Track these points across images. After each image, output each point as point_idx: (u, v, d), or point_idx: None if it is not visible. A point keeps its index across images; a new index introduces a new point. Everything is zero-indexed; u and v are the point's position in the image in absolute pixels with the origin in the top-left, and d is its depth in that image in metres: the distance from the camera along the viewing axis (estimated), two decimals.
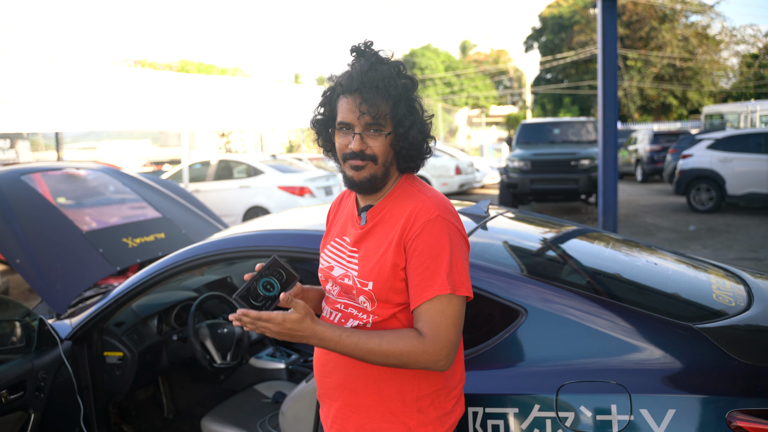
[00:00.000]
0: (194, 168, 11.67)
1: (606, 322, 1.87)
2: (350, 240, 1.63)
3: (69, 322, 2.74)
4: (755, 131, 12.54)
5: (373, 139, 1.52)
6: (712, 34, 37.14)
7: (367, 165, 1.53)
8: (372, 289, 1.53)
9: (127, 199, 4.16)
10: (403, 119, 1.53)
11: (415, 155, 1.59)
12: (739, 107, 21.68)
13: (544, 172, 11.83)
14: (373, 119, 1.50)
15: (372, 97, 1.49)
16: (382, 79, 1.49)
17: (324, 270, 1.68)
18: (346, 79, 1.53)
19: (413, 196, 1.57)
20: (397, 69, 1.54)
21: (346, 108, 1.52)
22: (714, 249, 8.53)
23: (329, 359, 1.61)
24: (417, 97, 1.59)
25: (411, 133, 1.54)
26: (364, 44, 1.57)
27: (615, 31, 8.34)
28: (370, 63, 1.52)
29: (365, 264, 1.55)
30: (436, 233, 1.49)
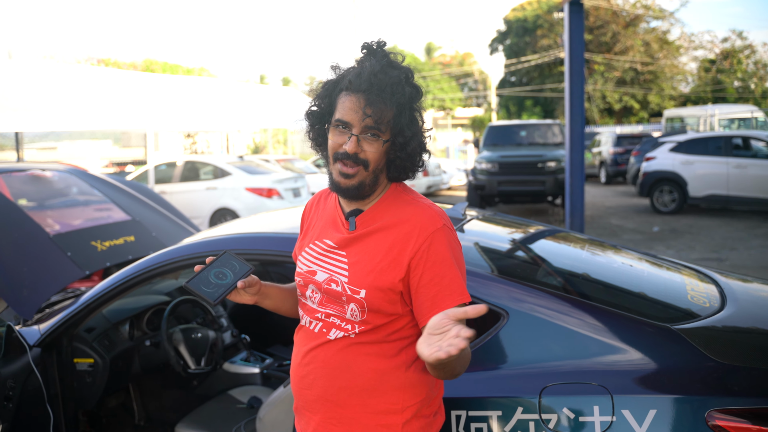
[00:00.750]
0: (159, 169, 11.48)
1: (586, 324, 1.88)
2: (335, 243, 1.55)
3: (37, 328, 2.66)
4: (716, 134, 12.87)
5: (370, 144, 1.46)
6: (671, 39, 38.06)
7: (358, 171, 1.47)
8: (365, 297, 1.46)
9: (95, 201, 4.06)
10: (404, 129, 1.47)
11: (408, 167, 1.53)
12: (699, 111, 22.26)
13: (511, 174, 11.96)
14: (375, 123, 1.43)
15: (378, 101, 1.42)
16: (391, 84, 1.44)
17: (304, 274, 1.59)
18: (354, 77, 1.45)
19: (410, 204, 1.53)
20: (406, 75, 1.48)
21: (348, 106, 1.45)
22: (677, 250, 8.72)
23: (309, 371, 1.53)
24: (420, 108, 1.52)
25: (410, 144, 1.49)
26: (376, 43, 1.50)
27: (582, 35, 8.47)
28: (381, 65, 1.45)
29: (357, 270, 1.48)
30: (446, 243, 1.47)
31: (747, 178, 11.44)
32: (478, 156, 12.90)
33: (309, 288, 1.57)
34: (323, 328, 1.53)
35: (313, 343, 1.53)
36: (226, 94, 14.89)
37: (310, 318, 1.57)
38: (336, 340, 1.50)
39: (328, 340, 1.51)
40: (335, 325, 1.51)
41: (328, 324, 1.52)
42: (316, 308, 1.55)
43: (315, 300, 1.56)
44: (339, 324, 1.51)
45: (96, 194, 4.12)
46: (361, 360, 1.49)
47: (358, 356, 1.49)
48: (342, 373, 1.49)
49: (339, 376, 1.49)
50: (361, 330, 1.49)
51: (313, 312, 1.56)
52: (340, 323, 1.51)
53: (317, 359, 1.52)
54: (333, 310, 1.52)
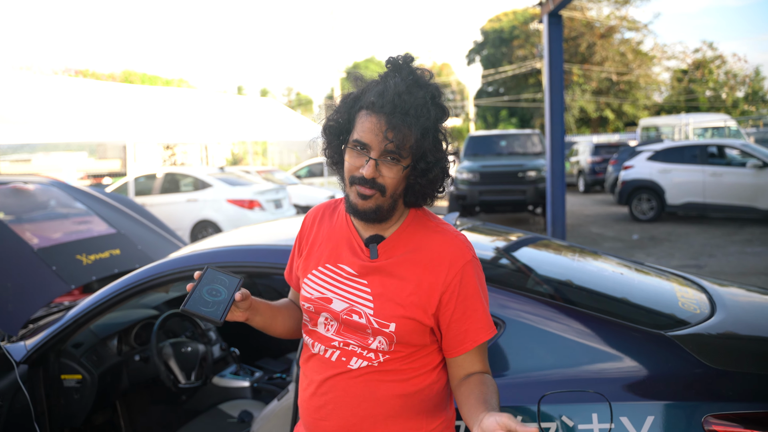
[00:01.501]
0: (139, 181, 11.37)
1: (582, 332, 1.89)
2: (354, 270, 1.45)
3: (23, 344, 2.61)
4: (692, 143, 13.07)
5: (389, 169, 1.36)
6: (645, 50, 38.71)
7: (375, 195, 1.37)
8: (394, 331, 1.39)
9: (79, 214, 4.00)
10: (427, 153, 1.37)
11: (428, 193, 1.44)
12: (674, 120, 22.62)
13: (492, 183, 12.03)
14: (396, 148, 1.33)
15: (400, 124, 1.32)
16: (416, 106, 1.33)
17: (315, 301, 1.48)
18: (377, 96, 1.34)
19: (436, 232, 1.46)
20: (432, 95, 1.38)
21: (369, 127, 1.35)
22: (657, 257, 8.82)
23: (328, 400, 1.44)
24: (446, 131, 1.43)
25: (433, 171, 1.40)
26: (402, 59, 1.39)
27: (561, 45, 8.58)
28: (407, 84, 1.35)
29: (384, 303, 1.40)
30: (475, 276, 1.43)
31: (722, 185, 11.64)
32: (458, 166, 12.95)
33: (322, 316, 1.48)
34: (342, 356, 1.44)
35: (331, 372, 1.44)
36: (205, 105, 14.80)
37: (325, 346, 1.47)
38: (358, 368, 1.43)
39: (349, 369, 1.43)
40: (356, 353, 1.43)
41: (348, 352, 1.44)
42: (332, 337, 1.46)
43: (331, 329, 1.46)
44: (360, 353, 1.43)
45: (80, 207, 4.06)
46: (385, 387, 1.42)
47: (381, 384, 1.42)
48: (365, 401, 1.42)
49: (361, 405, 1.42)
50: (386, 359, 1.42)
51: (327, 340, 1.47)
52: (361, 352, 1.43)
53: (336, 388, 1.43)
54: (353, 340, 1.43)
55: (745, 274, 7.54)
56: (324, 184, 16.33)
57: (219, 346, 3.35)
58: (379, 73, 1.42)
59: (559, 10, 8.43)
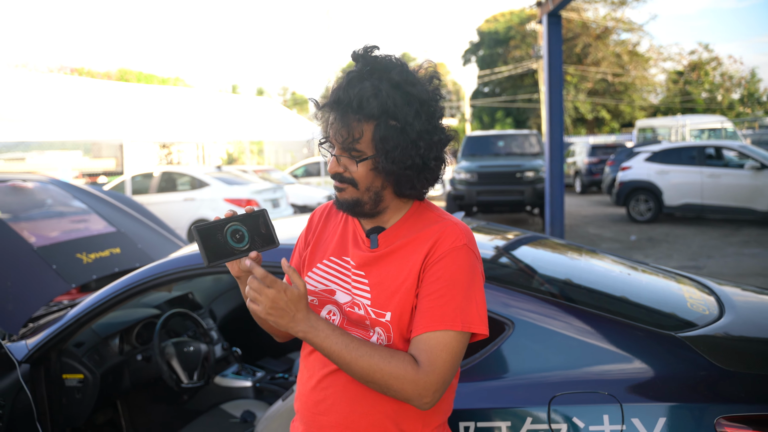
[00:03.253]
0: (136, 180, 11.32)
1: (592, 333, 1.88)
2: (355, 262, 1.44)
3: (25, 344, 2.58)
4: (690, 144, 13.09)
5: (350, 163, 1.35)
6: (641, 51, 38.83)
7: (348, 189, 1.38)
8: (390, 320, 1.36)
9: (79, 212, 3.97)
10: (382, 143, 1.31)
11: (405, 182, 1.37)
12: (670, 121, 22.68)
13: (490, 183, 12.02)
14: (343, 143, 1.33)
15: (343, 118, 1.31)
16: (359, 97, 1.29)
17: (319, 293, 1.47)
18: (330, 93, 1.35)
19: (435, 221, 1.42)
20: (393, 81, 1.32)
21: (324, 125, 1.38)
22: (656, 258, 8.82)
23: (327, 395, 1.42)
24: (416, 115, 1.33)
25: (389, 159, 1.32)
26: (363, 49, 1.36)
27: (560, 46, 8.58)
28: (352, 76, 1.33)
29: (380, 292, 1.38)
30: (460, 262, 1.34)
31: (720, 187, 11.65)
32: (456, 166, 12.94)
33: (326, 309, 1.46)
34: None
35: (331, 367, 1.41)
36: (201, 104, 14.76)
37: None
38: None
39: None
40: None
41: None
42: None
43: (334, 322, 1.43)
44: None
45: (79, 206, 4.03)
46: None
47: None
48: (363, 399, 1.39)
49: (360, 402, 1.39)
50: None
51: None
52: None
53: (336, 384, 1.41)
54: (355, 335, 1.40)
55: (743, 275, 7.56)
56: (321, 183, 16.30)
57: (221, 345, 3.32)
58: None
59: (559, 11, 8.43)
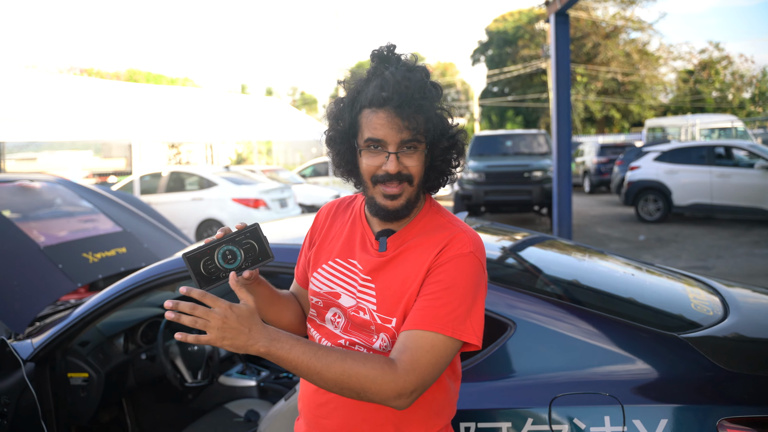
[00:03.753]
0: (144, 180, 11.38)
1: (594, 334, 1.87)
2: (362, 267, 1.42)
3: (30, 342, 2.60)
4: (699, 144, 13.01)
5: (409, 158, 1.33)
6: (651, 50, 38.62)
7: (404, 189, 1.35)
8: (396, 326, 1.34)
9: (85, 212, 3.99)
10: (440, 132, 1.35)
11: (447, 172, 1.42)
12: (680, 121, 22.54)
13: (498, 183, 12.00)
14: (412, 135, 1.31)
15: (410, 111, 1.29)
16: (418, 88, 1.31)
17: (324, 295, 1.45)
18: (377, 90, 1.31)
19: (445, 227, 1.40)
20: (427, 75, 1.37)
21: (379, 123, 1.31)
22: (664, 258, 8.77)
23: (329, 398, 1.40)
24: (447, 106, 1.40)
25: (452, 148, 1.39)
26: (387, 49, 1.37)
27: (568, 45, 8.55)
28: (403, 71, 1.32)
29: (387, 298, 1.36)
30: (462, 269, 1.32)
31: (730, 186, 11.57)
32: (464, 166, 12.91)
33: (330, 311, 1.45)
34: None
35: None
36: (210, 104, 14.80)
37: (332, 344, 1.43)
38: None
39: None
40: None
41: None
42: (339, 334, 1.42)
43: (338, 325, 1.43)
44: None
45: (86, 205, 4.05)
46: None
47: None
48: (365, 405, 1.36)
49: (362, 407, 1.37)
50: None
51: (335, 337, 1.43)
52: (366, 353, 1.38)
53: None
54: (359, 339, 1.39)
55: (753, 276, 7.50)
56: (329, 183, 16.32)
57: None
58: (366, 70, 1.39)
59: (566, 9, 8.39)
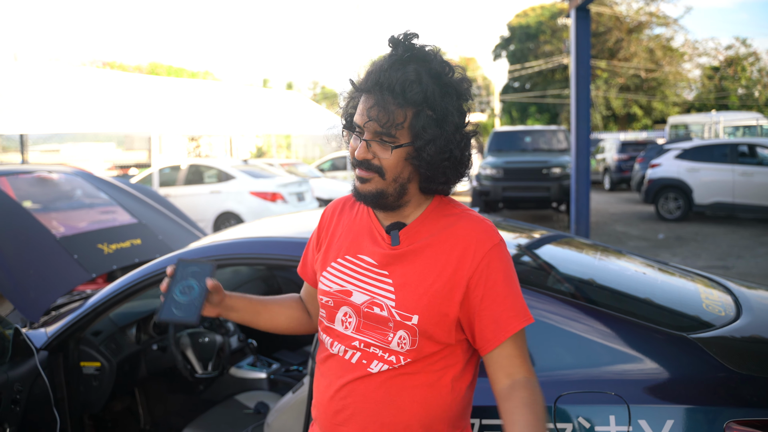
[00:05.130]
0: (164, 172, 11.49)
1: (601, 332, 1.85)
2: (375, 260, 1.37)
3: (44, 331, 2.64)
4: (721, 142, 12.83)
5: (381, 149, 1.30)
6: (675, 46, 38.05)
7: (373, 178, 1.31)
8: (417, 323, 1.30)
9: (101, 203, 4.04)
10: (422, 132, 1.28)
11: (433, 177, 1.33)
12: (704, 118, 22.20)
13: (516, 179, 11.93)
14: (382, 127, 1.26)
15: (384, 101, 1.26)
16: (402, 81, 1.26)
17: (334, 294, 1.40)
18: (365, 75, 1.32)
19: (461, 217, 1.38)
20: (434, 71, 1.30)
21: (360, 108, 1.30)
22: (683, 257, 8.67)
23: (346, 405, 1.36)
24: (455, 108, 1.32)
25: (427, 150, 1.29)
26: (403, 35, 1.32)
27: (588, 41, 8.45)
28: (394, 60, 1.29)
29: (407, 293, 1.32)
30: (504, 260, 1.33)
31: (753, 185, 11.40)
32: (482, 161, 12.87)
33: (341, 311, 1.40)
34: (362, 359, 1.36)
35: (351, 376, 1.36)
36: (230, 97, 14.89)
37: (345, 346, 1.39)
38: (379, 372, 1.34)
39: (369, 373, 1.34)
40: (377, 356, 1.34)
41: (369, 354, 1.35)
42: (352, 335, 1.38)
43: (350, 326, 1.38)
44: (381, 355, 1.34)
45: (102, 197, 4.10)
46: (407, 393, 1.33)
47: (403, 389, 1.33)
48: (385, 408, 1.33)
49: (382, 411, 1.33)
50: (407, 361, 1.33)
51: (347, 339, 1.38)
52: (382, 354, 1.34)
53: (356, 393, 1.35)
54: (373, 339, 1.35)
55: None
56: (347, 177, 16.36)
57: (237, 337, 3.36)
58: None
59: (588, 4, 8.30)
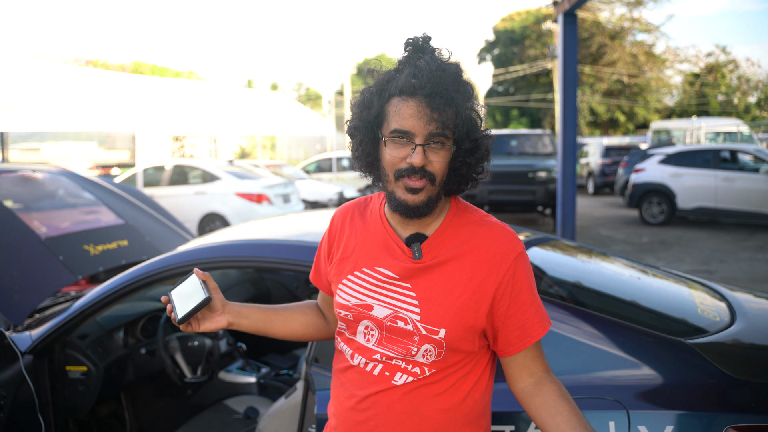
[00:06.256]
0: (147, 173, 11.37)
1: (599, 337, 1.84)
2: (396, 273, 1.35)
3: (29, 334, 2.58)
4: (704, 147, 12.96)
5: (436, 153, 1.27)
6: (657, 52, 38.49)
7: (425, 186, 1.28)
8: (444, 337, 1.30)
9: (87, 204, 3.97)
10: (470, 131, 1.29)
11: (473, 175, 1.35)
12: (686, 124, 22.44)
13: (502, 183, 11.95)
14: (441, 129, 1.25)
15: (442, 103, 1.23)
16: (453, 81, 1.26)
17: (354, 308, 1.38)
18: (407, 77, 1.26)
19: (482, 225, 1.37)
20: (461, 71, 1.30)
21: (408, 113, 1.25)
22: (667, 261, 8.74)
23: (370, 416, 1.36)
24: (480, 106, 1.33)
25: (480, 149, 1.32)
26: (422, 39, 1.31)
27: (575, 45, 8.50)
28: (438, 62, 1.27)
29: (432, 307, 1.31)
30: (528, 268, 1.36)
31: (735, 191, 11.54)
32: None
33: (362, 325, 1.38)
34: (385, 371, 1.35)
35: (374, 388, 1.36)
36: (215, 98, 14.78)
37: (366, 359, 1.38)
38: (403, 384, 1.34)
39: (394, 385, 1.34)
40: (400, 368, 1.34)
41: (391, 367, 1.35)
42: (374, 348, 1.37)
43: (372, 339, 1.37)
44: (405, 367, 1.34)
45: (88, 197, 4.03)
46: (430, 402, 1.34)
47: (426, 399, 1.34)
48: (410, 419, 1.34)
49: (406, 421, 1.34)
50: (432, 372, 1.33)
51: (369, 352, 1.38)
52: (406, 366, 1.34)
53: (379, 405, 1.35)
54: (396, 352, 1.34)
55: (757, 281, 7.47)
56: (332, 179, 16.30)
57: (226, 340, 3.31)
58: (399, 60, 1.34)
59: (575, 10, 8.35)
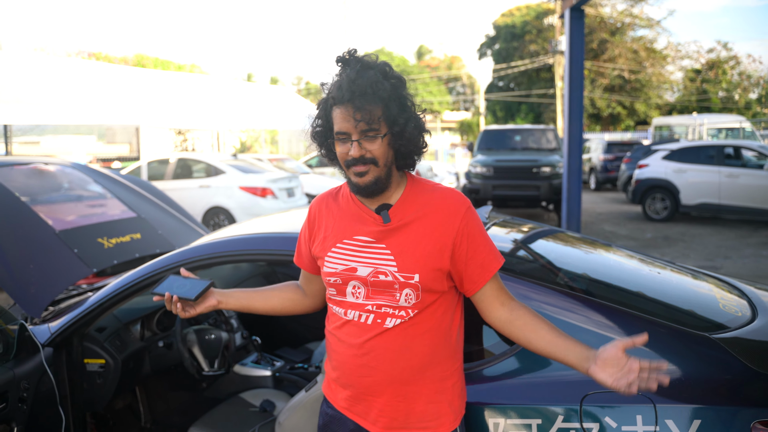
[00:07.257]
0: (152, 166, 11.35)
1: (626, 332, 1.85)
2: (371, 237, 1.65)
3: (47, 327, 2.58)
4: (708, 143, 12.95)
5: (371, 143, 1.58)
6: (658, 48, 38.39)
7: (370, 169, 1.59)
8: (419, 280, 1.60)
9: (100, 197, 3.95)
10: (396, 118, 1.58)
11: (413, 151, 1.66)
12: (687, 120, 22.42)
13: (506, 178, 11.95)
14: (368, 125, 1.55)
15: (363, 104, 1.54)
16: (370, 84, 1.54)
17: (341, 273, 1.67)
18: (336, 90, 1.57)
19: (435, 190, 1.69)
20: (384, 71, 1.59)
21: (341, 118, 1.57)
22: (672, 257, 8.74)
23: (369, 359, 1.64)
24: (407, 95, 1.63)
25: (407, 130, 1.61)
26: (348, 53, 1.61)
27: (582, 41, 8.48)
28: (356, 70, 1.56)
29: (405, 258, 1.61)
30: (477, 217, 1.67)
31: (738, 187, 11.53)
32: (472, 160, 12.86)
33: (350, 285, 1.66)
34: (377, 318, 1.63)
35: (370, 334, 1.64)
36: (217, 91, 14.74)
37: (359, 312, 1.66)
38: (394, 327, 1.62)
39: (386, 328, 1.62)
40: (389, 314, 1.62)
41: (382, 314, 1.63)
42: (364, 302, 1.65)
43: (360, 295, 1.66)
44: (393, 312, 1.62)
45: (100, 190, 4.02)
46: (418, 340, 1.63)
47: (415, 337, 1.63)
48: (403, 354, 1.62)
49: (401, 357, 1.62)
50: (415, 313, 1.62)
51: (360, 306, 1.66)
52: (393, 311, 1.62)
53: (378, 347, 1.63)
54: (383, 300, 1.63)
55: (762, 277, 7.47)
56: (335, 173, 16.28)
57: (240, 334, 3.31)
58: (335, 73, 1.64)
59: (582, 5, 8.32)
